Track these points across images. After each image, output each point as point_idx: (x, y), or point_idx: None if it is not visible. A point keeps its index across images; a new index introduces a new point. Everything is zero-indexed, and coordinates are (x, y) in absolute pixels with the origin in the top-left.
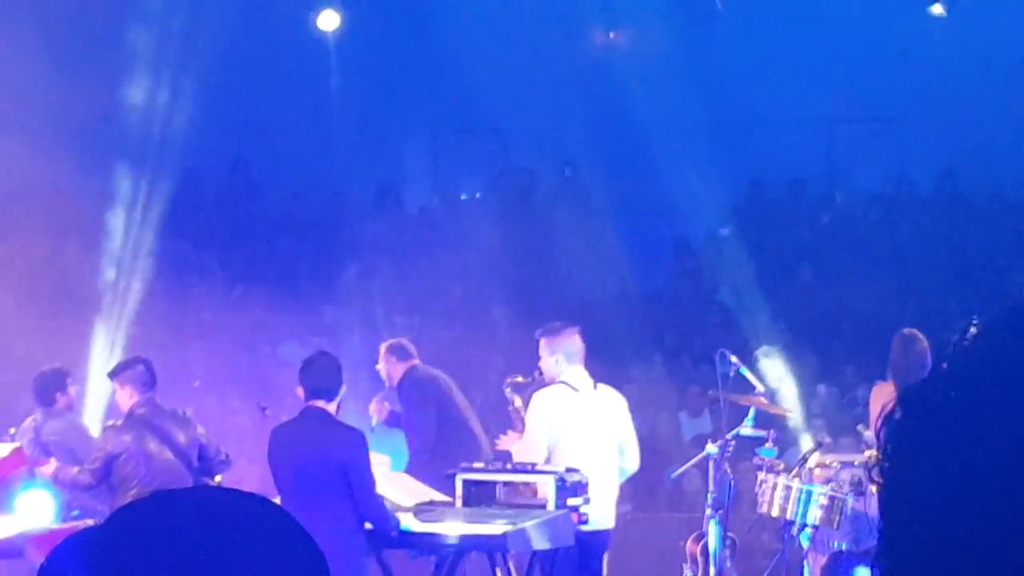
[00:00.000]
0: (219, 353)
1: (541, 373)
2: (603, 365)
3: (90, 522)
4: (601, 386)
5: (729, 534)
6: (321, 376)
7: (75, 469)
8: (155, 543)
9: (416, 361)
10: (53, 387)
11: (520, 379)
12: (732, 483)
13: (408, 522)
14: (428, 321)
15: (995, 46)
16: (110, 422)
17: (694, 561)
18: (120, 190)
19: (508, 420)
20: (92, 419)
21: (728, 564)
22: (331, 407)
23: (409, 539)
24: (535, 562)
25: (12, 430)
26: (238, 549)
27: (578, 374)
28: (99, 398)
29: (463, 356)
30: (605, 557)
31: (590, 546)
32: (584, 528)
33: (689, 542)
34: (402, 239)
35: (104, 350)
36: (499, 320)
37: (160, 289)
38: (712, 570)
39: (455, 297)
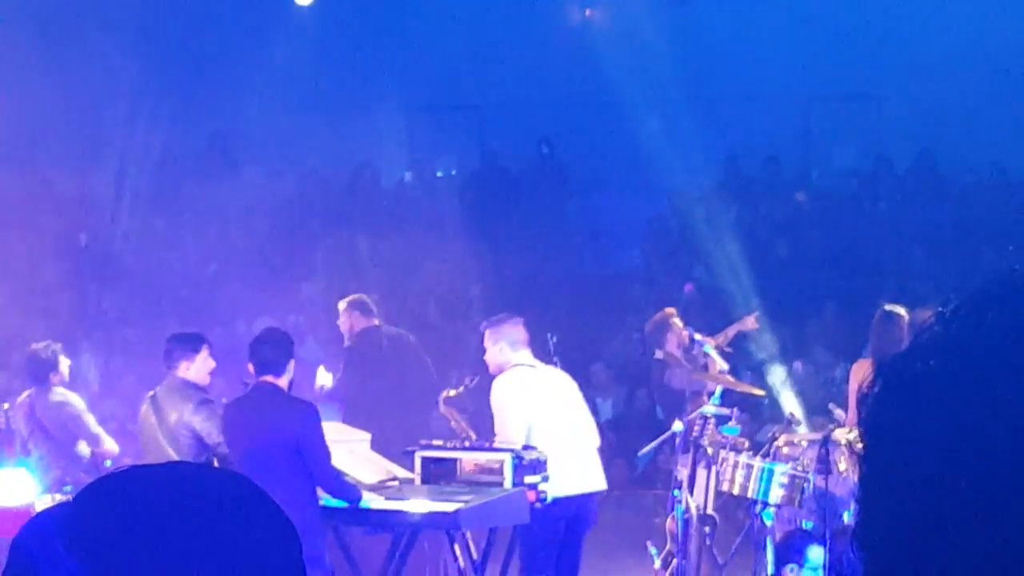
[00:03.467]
0: (195, 329)
1: (472, 380)
2: (579, 342)
3: None
4: (548, 366)
5: (710, 512)
6: (270, 351)
7: None
8: (125, 517)
9: (375, 321)
10: (46, 365)
11: (453, 392)
12: (709, 461)
13: (366, 499)
14: (404, 298)
15: (973, 24)
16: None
17: (674, 538)
18: (96, 165)
19: (479, 403)
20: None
21: (708, 542)
22: (281, 381)
23: (363, 516)
24: (493, 538)
25: (5, 405)
26: (211, 524)
27: (526, 356)
28: (87, 372)
29: (438, 333)
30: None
31: (579, 510)
32: (571, 493)
33: (669, 519)
34: (377, 216)
35: (89, 324)
36: (474, 298)
37: (134, 265)
38: (677, 546)
39: (430, 274)
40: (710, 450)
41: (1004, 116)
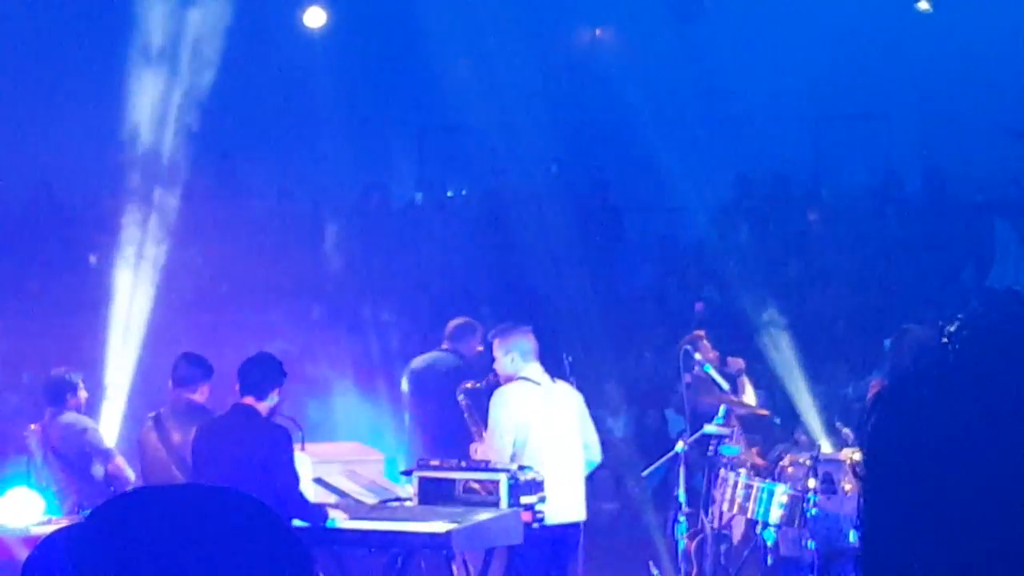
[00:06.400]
0: (205, 351)
1: (496, 376)
2: (591, 362)
3: None
4: (558, 381)
5: (724, 532)
6: (256, 373)
7: None
8: (137, 538)
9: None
10: (64, 387)
11: (470, 385)
12: (723, 481)
13: (358, 520)
14: (414, 318)
15: (981, 42)
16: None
17: (687, 559)
18: (108, 188)
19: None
20: (110, 418)
21: (723, 562)
22: (260, 406)
23: (358, 537)
24: (490, 559)
25: (33, 426)
26: (223, 545)
27: (535, 370)
28: (116, 395)
29: None
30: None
31: (561, 540)
32: (553, 521)
33: (684, 539)
34: (388, 236)
35: (117, 351)
36: (485, 317)
37: (144, 286)
38: (687, 565)
39: (441, 294)
40: (723, 472)
41: (1014, 134)
